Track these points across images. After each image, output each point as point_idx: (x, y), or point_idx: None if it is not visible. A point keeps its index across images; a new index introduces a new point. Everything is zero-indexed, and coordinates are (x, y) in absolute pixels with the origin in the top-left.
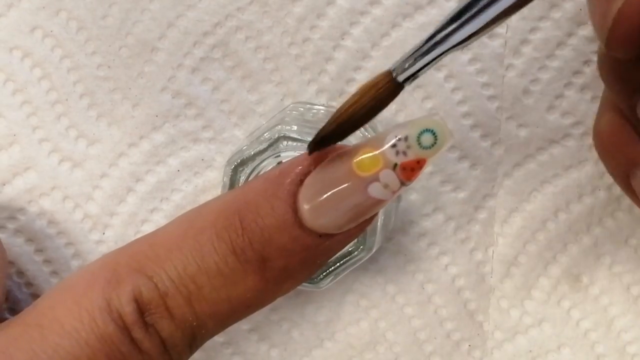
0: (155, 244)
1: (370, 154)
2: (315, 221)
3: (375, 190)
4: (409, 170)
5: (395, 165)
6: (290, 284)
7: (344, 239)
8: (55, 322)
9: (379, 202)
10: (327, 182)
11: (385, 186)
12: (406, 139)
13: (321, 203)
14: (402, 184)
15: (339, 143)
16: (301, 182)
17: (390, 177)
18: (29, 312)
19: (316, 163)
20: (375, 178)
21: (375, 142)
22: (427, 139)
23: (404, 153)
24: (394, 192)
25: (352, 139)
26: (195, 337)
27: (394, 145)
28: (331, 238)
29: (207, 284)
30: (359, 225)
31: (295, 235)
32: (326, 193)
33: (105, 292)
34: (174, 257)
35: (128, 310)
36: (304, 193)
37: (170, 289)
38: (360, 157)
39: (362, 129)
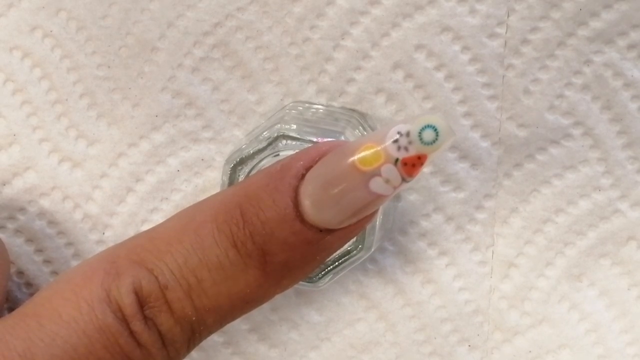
0: (155, 238)
1: (372, 149)
2: (316, 216)
3: (376, 185)
4: (410, 166)
5: (397, 160)
6: (289, 280)
7: (344, 235)
8: (53, 311)
9: (380, 198)
10: (329, 177)
11: (387, 181)
12: (408, 134)
13: (322, 197)
14: (403, 180)
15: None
16: (302, 176)
17: (391, 172)
18: (26, 304)
19: (318, 157)
20: (377, 173)
21: (377, 137)
22: (428, 134)
23: (406, 149)
24: (395, 188)
25: (351, 138)
26: (194, 333)
27: (395, 141)
28: (332, 233)
29: (207, 277)
30: (360, 221)
31: (296, 229)
32: (327, 187)
33: (105, 283)
34: (174, 250)
35: (127, 301)
36: (305, 187)
37: (171, 282)
38: (362, 152)
39: (360, 127)
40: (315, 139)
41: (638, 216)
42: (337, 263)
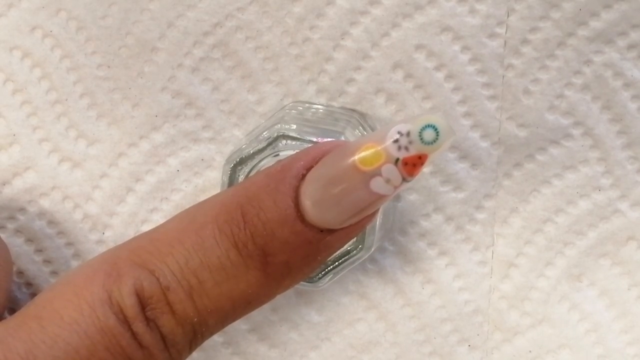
0: (156, 239)
1: (373, 149)
2: (316, 216)
3: (377, 185)
4: (411, 166)
5: (397, 160)
6: (290, 281)
7: (345, 235)
8: (55, 313)
9: (380, 198)
10: (329, 177)
11: (387, 181)
12: (408, 134)
13: (323, 198)
14: (404, 179)
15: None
16: (303, 176)
17: (392, 171)
18: (27, 306)
19: (318, 158)
20: (377, 173)
21: (377, 137)
22: (429, 134)
23: (406, 148)
24: (395, 188)
25: (351, 138)
26: (196, 335)
27: (396, 141)
28: (332, 234)
29: (209, 278)
30: (361, 221)
31: (296, 229)
32: (328, 187)
33: (106, 285)
34: (175, 252)
35: (129, 303)
36: (305, 188)
37: (172, 283)
38: (362, 152)
39: (360, 127)
40: (315, 139)
41: (638, 216)
42: (337, 263)
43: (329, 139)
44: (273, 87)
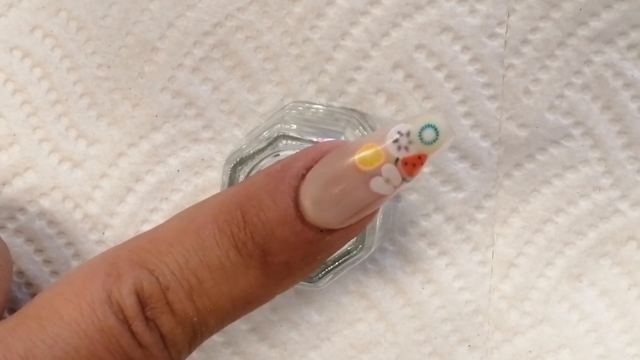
0: (155, 239)
1: (372, 149)
2: (316, 216)
3: (376, 185)
4: (411, 166)
5: (397, 160)
6: (290, 280)
7: (344, 235)
8: (54, 313)
9: (380, 197)
10: (329, 177)
11: (387, 181)
12: (408, 134)
13: (323, 197)
14: (404, 179)
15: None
16: (303, 176)
17: (391, 171)
18: (27, 306)
19: (318, 158)
20: (377, 172)
21: (377, 137)
22: (428, 134)
23: (406, 148)
24: (395, 188)
25: (351, 138)
26: (196, 334)
27: (395, 140)
28: (332, 233)
29: (208, 278)
30: (360, 221)
31: (296, 229)
32: (328, 187)
33: (106, 284)
34: (175, 251)
35: (129, 303)
36: (305, 187)
37: (172, 283)
38: (362, 152)
39: (360, 127)
40: (315, 139)
41: (638, 216)
42: (337, 263)
43: (329, 139)
44: (273, 87)
